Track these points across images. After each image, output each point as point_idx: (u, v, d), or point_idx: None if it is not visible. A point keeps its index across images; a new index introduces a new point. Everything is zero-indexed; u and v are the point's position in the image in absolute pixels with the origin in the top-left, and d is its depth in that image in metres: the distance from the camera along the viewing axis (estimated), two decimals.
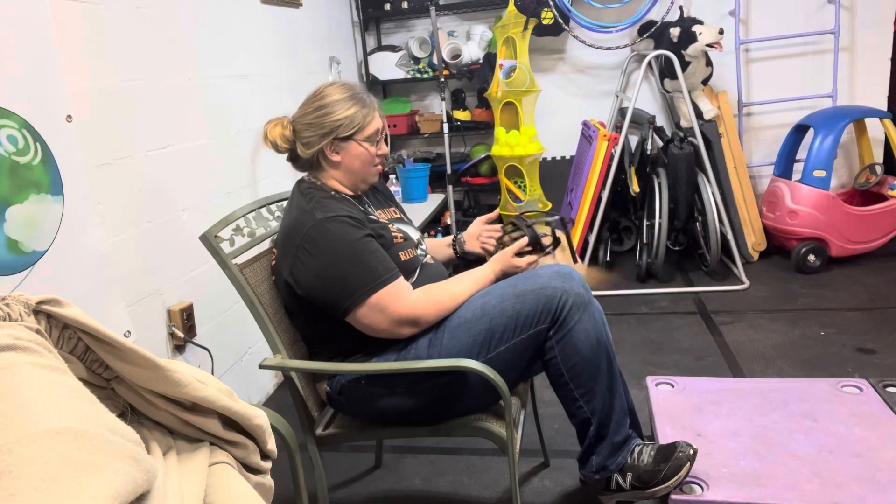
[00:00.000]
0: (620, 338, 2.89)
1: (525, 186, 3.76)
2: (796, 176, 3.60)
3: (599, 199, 3.37)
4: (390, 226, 1.63)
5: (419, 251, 1.67)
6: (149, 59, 2.07)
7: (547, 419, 2.25)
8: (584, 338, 1.46)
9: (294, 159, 1.64)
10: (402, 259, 1.57)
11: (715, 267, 3.49)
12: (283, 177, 2.93)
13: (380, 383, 1.50)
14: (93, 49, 1.84)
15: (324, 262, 1.45)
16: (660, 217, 3.42)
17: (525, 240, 1.61)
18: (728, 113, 3.74)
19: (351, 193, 1.63)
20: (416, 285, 1.55)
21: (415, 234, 1.72)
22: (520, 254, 1.60)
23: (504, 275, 1.59)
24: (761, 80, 3.89)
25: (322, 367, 1.59)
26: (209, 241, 1.50)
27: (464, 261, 1.84)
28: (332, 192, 1.59)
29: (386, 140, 1.65)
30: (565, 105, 4.10)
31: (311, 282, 1.47)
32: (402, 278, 1.50)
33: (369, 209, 1.67)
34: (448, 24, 4.13)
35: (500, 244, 1.72)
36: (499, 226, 1.77)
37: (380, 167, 1.65)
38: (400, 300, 1.46)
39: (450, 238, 1.87)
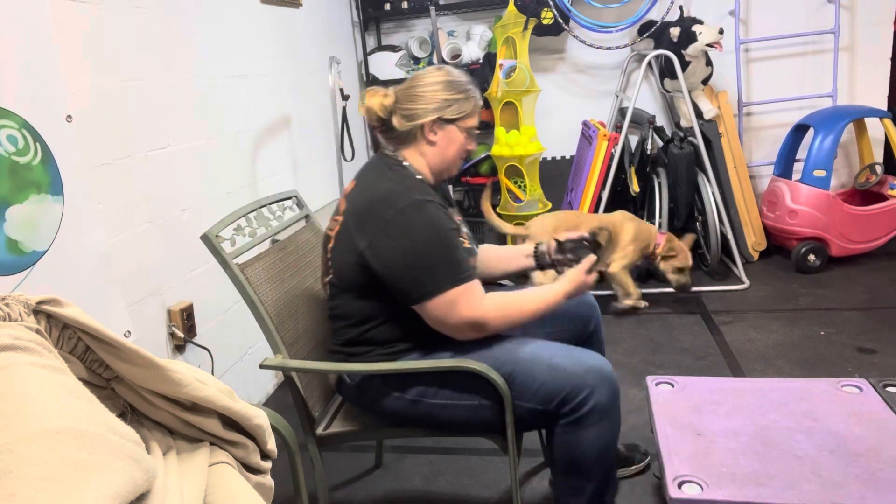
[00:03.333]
0: (620, 337, 2.89)
1: (525, 186, 3.76)
2: (796, 176, 3.60)
3: (599, 199, 3.37)
4: (461, 228, 1.59)
5: (474, 262, 1.63)
6: (149, 59, 2.07)
7: None
8: (591, 440, 1.43)
9: (385, 130, 1.57)
10: None
11: (715, 267, 3.49)
12: (283, 177, 2.93)
13: (395, 385, 1.49)
14: (93, 49, 1.84)
15: (413, 243, 1.41)
16: (660, 217, 3.42)
17: (592, 256, 1.60)
18: (728, 113, 3.74)
19: (432, 181, 1.58)
20: None
21: (473, 244, 1.68)
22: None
23: (573, 295, 1.55)
24: (761, 80, 3.89)
25: (322, 366, 1.60)
26: (210, 240, 1.50)
27: (538, 266, 1.78)
28: (418, 176, 1.54)
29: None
30: (565, 105, 4.10)
31: (394, 259, 1.42)
32: (477, 280, 1.46)
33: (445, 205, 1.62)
34: (448, 24, 4.13)
35: (560, 262, 1.69)
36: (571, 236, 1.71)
37: (461, 165, 1.62)
38: (474, 300, 1.43)
39: (526, 249, 1.79)
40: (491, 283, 1.66)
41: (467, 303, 1.42)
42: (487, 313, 1.44)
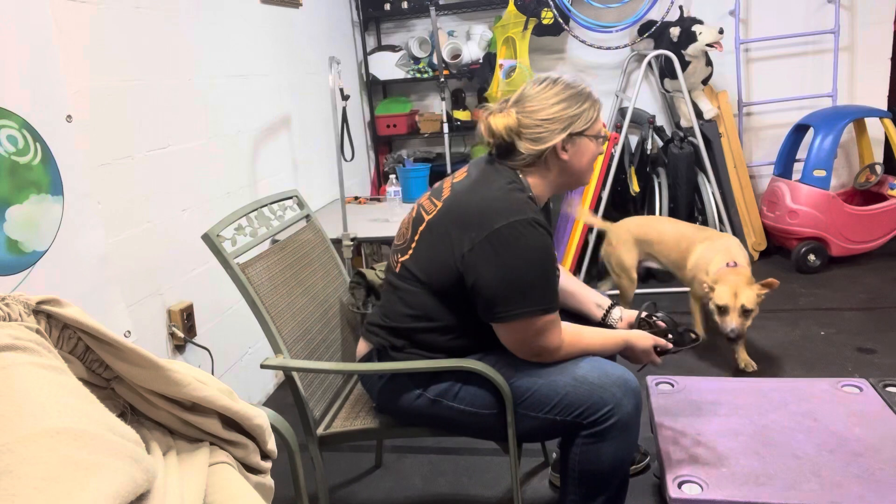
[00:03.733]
0: None
1: None
2: (796, 175, 3.60)
3: (599, 198, 3.37)
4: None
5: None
6: (149, 59, 2.07)
7: None
8: (611, 453, 1.41)
9: (505, 152, 1.47)
10: None
11: None
12: (283, 177, 2.93)
13: (419, 381, 1.48)
14: (93, 49, 1.84)
15: (516, 260, 1.35)
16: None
17: (670, 346, 1.55)
18: (728, 113, 3.74)
19: (541, 204, 1.51)
20: None
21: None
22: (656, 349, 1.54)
23: (631, 352, 1.53)
24: (761, 80, 3.89)
25: (322, 366, 1.60)
26: (211, 240, 1.49)
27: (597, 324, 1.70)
28: (530, 195, 1.45)
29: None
30: None
31: (491, 272, 1.35)
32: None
33: None
34: (448, 24, 4.13)
35: (644, 325, 1.63)
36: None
37: (593, 169, 1.54)
38: (556, 331, 1.41)
39: (601, 300, 1.71)
40: None
41: (551, 333, 1.40)
42: (563, 345, 1.43)
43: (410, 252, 1.48)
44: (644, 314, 1.64)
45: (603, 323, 1.68)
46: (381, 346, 1.52)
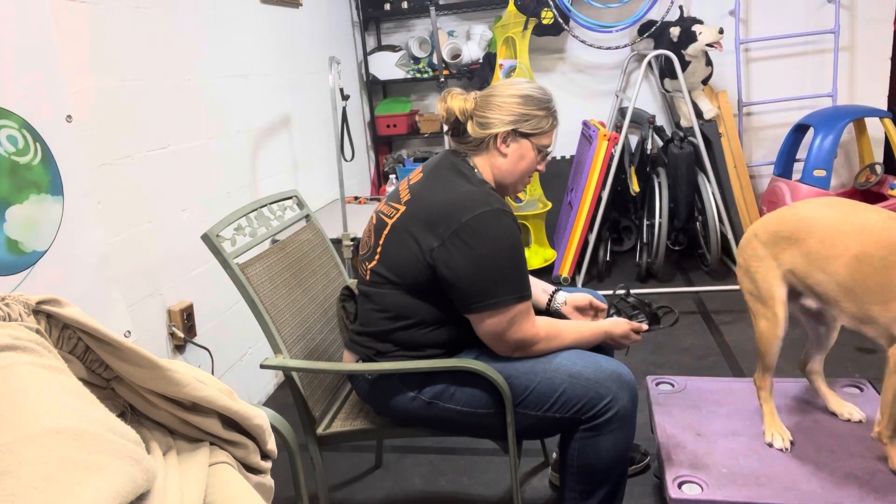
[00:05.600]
0: None
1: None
2: (796, 175, 3.59)
3: (599, 198, 3.37)
4: None
5: None
6: (149, 59, 2.07)
7: None
8: (609, 447, 1.43)
9: (457, 134, 1.54)
10: None
11: (715, 266, 3.49)
12: (283, 177, 2.93)
13: (412, 384, 1.48)
14: (93, 49, 1.84)
15: (488, 250, 1.38)
16: (660, 217, 3.42)
17: (645, 326, 1.59)
18: (728, 112, 3.74)
19: (502, 195, 1.55)
20: None
21: None
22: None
23: (612, 340, 1.55)
24: (761, 80, 3.89)
25: (322, 366, 1.60)
26: (211, 240, 1.49)
27: (546, 313, 1.71)
28: (492, 188, 1.51)
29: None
30: (565, 105, 4.10)
31: (464, 264, 1.38)
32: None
33: None
34: (448, 24, 4.13)
35: (617, 313, 1.66)
36: (603, 313, 1.69)
37: (528, 182, 1.59)
38: (530, 321, 1.43)
39: (546, 286, 1.74)
40: None
41: (525, 322, 1.42)
42: (538, 336, 1.44)
43: (377, 257, 1.50)
44: (616, 300, 1.68)
45: (548, 308, 1.71)
46: (365, 355, 1.53)
